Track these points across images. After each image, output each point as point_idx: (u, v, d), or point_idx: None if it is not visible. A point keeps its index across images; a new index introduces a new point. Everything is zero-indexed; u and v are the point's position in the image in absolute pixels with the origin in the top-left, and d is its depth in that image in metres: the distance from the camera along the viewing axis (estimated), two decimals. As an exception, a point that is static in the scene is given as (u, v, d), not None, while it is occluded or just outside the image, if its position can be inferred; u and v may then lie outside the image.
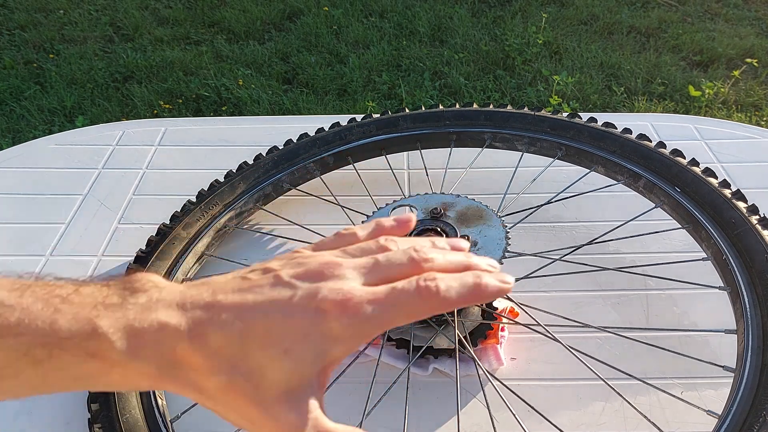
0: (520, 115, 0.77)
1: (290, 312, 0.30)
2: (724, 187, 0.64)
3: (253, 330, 0.29)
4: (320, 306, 0.29)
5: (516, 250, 0.58)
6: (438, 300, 0.30)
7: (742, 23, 2.83)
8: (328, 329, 0.29)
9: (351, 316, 0.29)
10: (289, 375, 0.29)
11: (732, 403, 0.49)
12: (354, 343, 0.30)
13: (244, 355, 0.29)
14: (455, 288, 0.31)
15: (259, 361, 0.29)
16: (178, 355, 0.29)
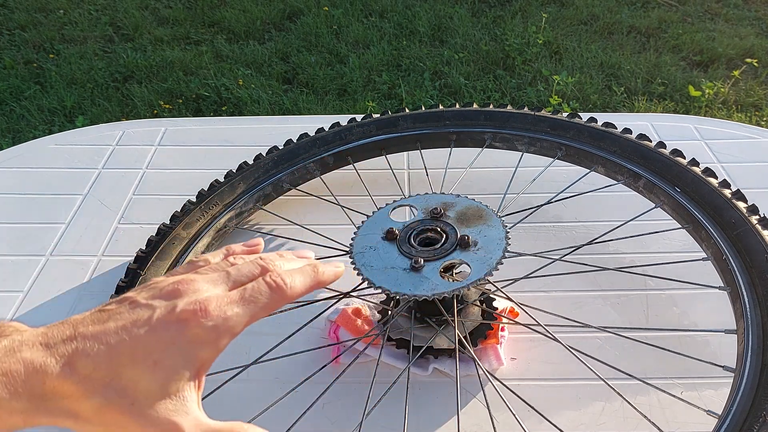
0: (520, 115, 0.77)
1: (153, 328, 0.32)
2: (724, 187, 0.64)
3: (120, 350, 0.31)
4: (180, 317, 0.32)
5: (516, 250, 0.58)
6: (285, 291, 0.36)
7: (742, 23, 2.83)
8: (192, 336, 0.32)
9: (212, 320, 0.33)
10: (163, 383, 0.31)
11: (732, 403, 0.49)
12: (220, 343, 0.33)
13: (115, 374, 0.31)
14: (298, 278, 0.37)
15: (131, 377, 0.31)
16: (48, 387, 0.30)
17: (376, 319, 0.64)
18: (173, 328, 0.32)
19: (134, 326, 0.32)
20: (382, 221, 0.60)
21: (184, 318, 0.32)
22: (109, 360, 0.31)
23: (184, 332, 0.32)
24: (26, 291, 0.71)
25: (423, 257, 0.54)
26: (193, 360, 0.32)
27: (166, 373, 0.31)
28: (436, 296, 0.52)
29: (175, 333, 0.32)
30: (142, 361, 0.31)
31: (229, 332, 0.34)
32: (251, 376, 0.59)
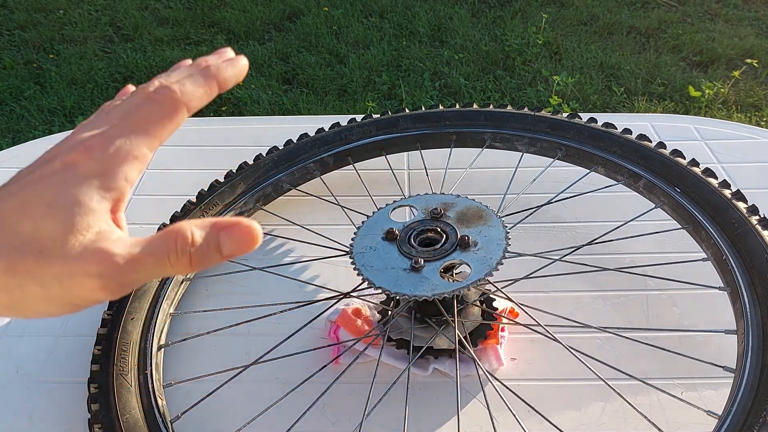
0: (520, 116, 0.77)
1: (36, 180, 0.30)
2: (724, 187, 0.64)
3: (6, 209, 0.29)
4: (65, 162, 0.30)
5: (516, 250, 0.58)
6: (174, 93, 0.32)
7: (742, 24, 2.83)
8: (85, 171, 0.30)
9: (99, 151, 0.30)
10: (67, 222, 0.29)
11: (732, 404, 0.49)
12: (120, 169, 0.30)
13: (9, 233, 0.28)
14: (189, 83, 0.33)
15: (29, 229, 0.28)
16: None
17: (376, 319, 0.64)
18: (58, 173, 0.30)
19: (17, 185, 0.30)
20: (382, 221, 0.60)
21: (68, 161, 0.30)
22: (3, 219, 0.28)
23: (72, 171, 0.30)
24: (26, 291, 0.71)
25: (423, 257, 0.54)
26: (94, 191, 0.30)
27: (66, 212, 0.29)
28: (436, 296, 0.52)
29: (62, 175, 0.29)
30: (34, 209, 0.29)
31: (127, 157, 0.31)
32: (251, 376, 0.59)
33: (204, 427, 0.57)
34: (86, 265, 0.28)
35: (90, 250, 0.29)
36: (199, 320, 0.67)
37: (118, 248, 0.29)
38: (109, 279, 0.29)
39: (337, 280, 0.70)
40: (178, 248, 0.29)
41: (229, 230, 0.30)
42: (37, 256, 0.28)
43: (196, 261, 0.30)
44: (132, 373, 0.57)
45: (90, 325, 0.64)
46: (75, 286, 0.29)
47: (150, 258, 0.29)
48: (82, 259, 0.28)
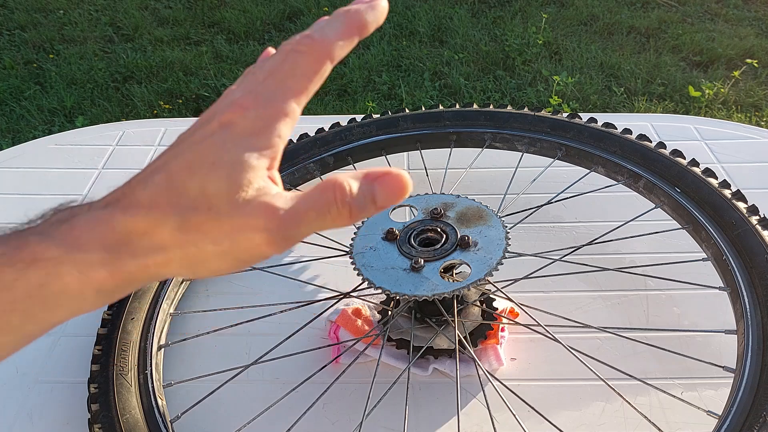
0: (520, 116, 0.77)
1: (197, 141, 0.31)
2: (724, 187, 0.64)
3: (173, 170, 0.30)
4: (221, 122, 0.31)
5: (516, 250, 0.58)
6: (315, 42, 0.32)
7: (742, 24, 2.83)
8: (240, 130, 0.30)
9: (252, 109, 0.31)
10: (231, 178, 0.29)
11: (732, 404, 0.49)
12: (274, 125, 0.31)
13: (178, 192, 0.29)
14: (328, 28, 0.33)
15: (196, 187, 0.29)
16: (119, 231, 0.29)
17: (376, 319, 0.64)
18: (217, 134, 0.31)
19: (179, 148, 0.31)
20: (382, 221, 0.60)
21: (225, 121, 0.31)
22: (167, 182, 0.30)
23: (229, 131, 0.31)
24: (26, 291, 0.71)
25: (423, 257, 0.54)
26: (252, 148, 0.30)
27: (228, 169, 0.30)
28: (436, 296, 0.52)
29: (220, 135, 0.30)
30: (199, 168, 0.30)
31: (281, 114, 0.31)
32: (251, 376, 0.59)
33: (204, 427, 0.57)
34: (253, 219, 0.29)
35: (254, 204, 0.29)
36: (199, 320, 0.67)
37: (280, 203, 0.30)
38: (275, 233, 0.30)
39: (337, 280, 0.70)
40: (338, 200, 0.30)
41: (381, 180, 0.30)
42: (206, 213, 0.29)
43: (355, 212, 0.30)
44: (132, 373, 0.57)
45: (90, 325, 0.64)
46: (243, 240, 0.30)
47: (312, 211, 0.30)
48: (248, 214, 0.29)
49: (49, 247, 0.28)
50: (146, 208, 0.29)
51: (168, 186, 0.30)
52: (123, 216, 0.29)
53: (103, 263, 0.29)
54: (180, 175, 0.30)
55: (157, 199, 0.29)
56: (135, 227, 0.29)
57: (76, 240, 0.29)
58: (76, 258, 0.28)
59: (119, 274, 0.29)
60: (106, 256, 0.29)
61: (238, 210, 0.29)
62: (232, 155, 0.30)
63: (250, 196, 0.30)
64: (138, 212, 0.29)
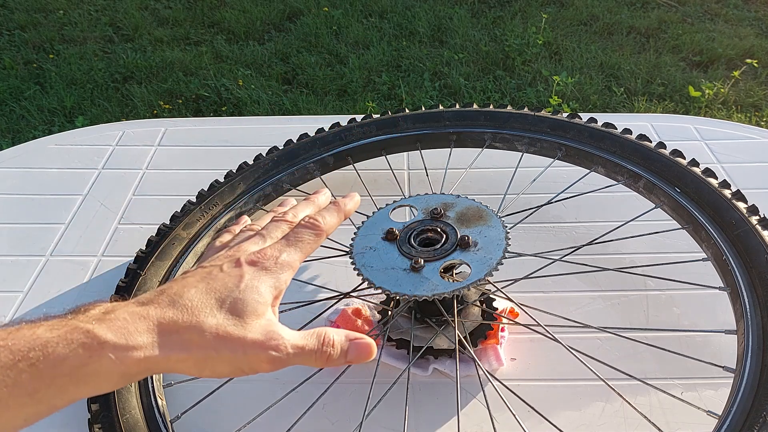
0: (520, 116, 0.77)
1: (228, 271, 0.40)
2: (724, 187, 0.64)
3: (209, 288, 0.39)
4: (248, 260, 0.41)
5: (516, 250, 0.58)
6: (321, 226, 0.46)
7: (742, 24, 2.83)
8: (259, 272, 0.41)
9: (271, 259, 0.42)
10: (253, 307, 0.39)
11: (732, 404, 0.49)
12: (283, 275, 0.42)
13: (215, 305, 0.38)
14: (327, 216, 0.47)
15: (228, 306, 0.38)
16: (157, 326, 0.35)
17: (376, 319, 0.64)
18: (245, 270, 0.40)
19: (213, 273, 0.40)
20: (382, 221, 0.60)
21: (251, 262, 0.41)
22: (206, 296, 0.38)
23: (254, 271, 0.40)
24: (26, 291, 0.71)
25: (423, 257, 0.54)
26: (266, 290, 0.40)
27: (251, 301, 0.39)
28: (436, 296, 0.52)
29: (248, 272, 0.40)
30: (231, 293, 0.38)
31: (288, 267, 0.42)
32: (251, 376, 0.58)
33: (204, 427, 0.57)
34: (266, 343, 0.38)
35: (267, 332, 0.38)
36: (199, 320, 0.67)
37: (286, 336, 0.39)
38: (277, 358, 0.39)
39: (337, 280, 0.70)
40: (325, 350, 0.40)
41: (354, 344, 0.41)
42: (233, 329, 0.37)
43: (330, 362, 0.41)
44: (132, 373, 0.57)
45: (90, 325, 0.64)
46: (253, 356, 0.38)
47: (306, 350, 0.40)
48: (263, 338, 0.38)
49: (98, 334, 0.33)
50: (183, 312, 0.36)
51: (204, 299, 0.37)
52: (162, 315, 0.36)
53: (136, 351, 0.34)
54: (215, 293, 0.38)
55: (193, 307, 0.37)
56: (172, 325, 0.36)
57: (119, 329, 0.34)
58: (118, 344, 0.33)
59: (145, 363, 0.35)
60: (140, 345, 0.34)
61: (257, 332, 0.38)
62: (255, 289, 0.39)
63: (264, 323, 0.39)
64: (176, 314, 0.36)
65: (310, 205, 0.50)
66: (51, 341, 0.32)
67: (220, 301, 0.38)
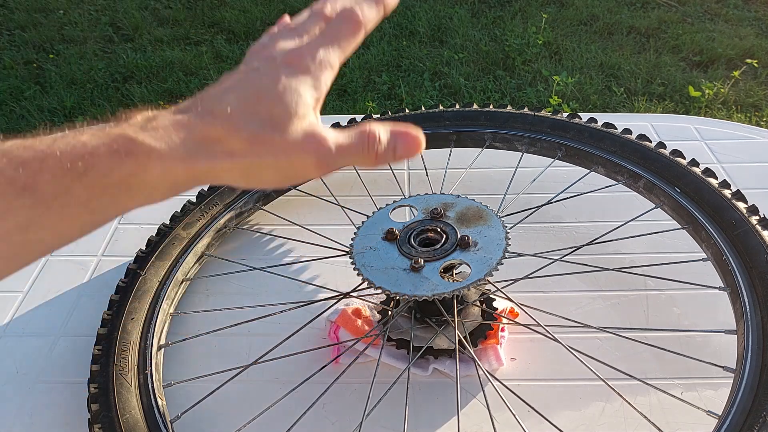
0: (520, 116, 0.77)
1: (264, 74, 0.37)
2: (724, 187, 0.64)
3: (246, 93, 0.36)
4: (284, 62, 0.38)
5: (516, 250, 0.58)
6: (359, 19, 0.41)
7: (742, 24, 2.83)
8: (300, 71, 0.37)
9: (310, 57, 0.38)
10: (292, 109, 0.36)
11: (732, 404, 0.49)
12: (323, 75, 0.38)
13: (251, 110, 0.36)
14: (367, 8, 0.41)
15: (265, 109, 0.36)
16: (198, 134, 0.34)
17: (376, 319, 0.64)
18: (281, 71, 0.37)
19: (249, 76, 0.37)
20: (382, 221, 0.60)
21: (287, 62, 0.38)
22: (241, 101, 0.36)
23: (291, 71, 0.37)
24: (26, 291, 0.71)
25: (423, 257, 0.54)
26: (308, 88, 0.37)
27: (292, 101, 0.36)
28: (436, 296, 0.52)
29: (284, 73, 0.37)
30: (267, 94, 0.36)
31: (328, 66, 0.39)
32: (251, 376, 0.59)
33: (204, 427, 0.57)
34: (309, 144, 0.36)
35: (309, 133, 0.36)
36: (199, 320, 0.67)
37: (330, 136, 0.37)
38: (323, 159, 0.36)
39: (336, 280, 0.70)
40: (370, 146, 0.38)
41: (402, 137, 0.40)
42: (272, 131, 0.35)
43: (380, 158, 0.39)
44: (132, 373, 0.57)
45: (90, 325, 0.64)
46: (298, 159, 0.36)
47: (351, 148, 0.38)
48: (305, 140, 0.36)
49: (143, 143, 0.33)
50: (222, 119, 0.35)
51: (241, 104, 0.36)
52: (202, 123, 0.35)
53: (182, 160, 0.34)
54: (252, 97, 0.36)
55: (231, 114, 0.35)
56: (212, 134, 0.35)
57: (163, 138, 0.33)
58: (163, 153, 0.33)
59: (192, 172, 0.34)
60: (186, 154, 0.34)
61: (297, 135, 0.36)
62: (294, 90, 0.37)
63: (305, 125, 0.36)
64: (215, 121, 0.35)
65: None
66: (97, 150, 0.32)
67: (258, 105, 0.36)
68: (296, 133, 0.36)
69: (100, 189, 0.32)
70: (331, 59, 0.39)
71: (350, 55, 0.41)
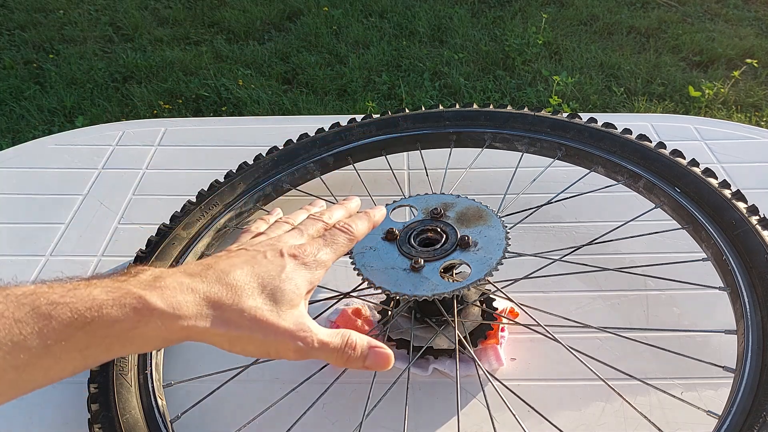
0: (520, 116, 0.77)
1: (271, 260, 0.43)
2: (724, 187, 0.64)
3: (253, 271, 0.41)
4: (289, 253, 0.44)
5: (516, 250, 0.58)
6: (354, 232, 0.48)
7: (742, 24, 2.83)
8: (299, 266, 0.43)
9: (311, 255, 0.44)
10: (290, 297, 0.41)
11: (732, 404, 0.49)
12: (318, 273, 0.44)
13: (257, 290, 0.40)
14: (359, 223, 0.50)
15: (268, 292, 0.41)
16: (203, 298, 0.38)
17: (376, 319, 0.64)
18: (287, 262, 0.43)
19: (258, 259, 0.42)
20: (382, 221, 0.60)
21: (291, 254, 0.43)
22: (250, 279, 0.40)
23: (294, 264, 0.43)
24: (26, 291, 0.71)
25: (423, 257, 0.54)
26: (302, 283, 0.43)
27: (289, 291, 0.41)
28: (436, 296, 0.52)
29: (289, 265, 0.42)
30: (272, 282, 0.41)
31: (323, 265, 0.45)
32: (251, 376, 0.59)
33: (204, 427, 0.57)
34: (298, 333, 0.41)
35: (299, 324, 0.41)
36: (199, 320, 0.67)
37: (315, 330, 0.42)
38: (304, 349, 0.41)
39: (337, 280, 0.70)
40: (347, 350, 0.43)
41: (373, 352, 0.44)
42: (269, 314, 0.40)
43: (349, 362, 0.43)
44: (132, 373, 0.57)
45: (90, 325, 0.64)
46: (282, 343, 0.40)
47: (331, 348, 0.42)
48: (296, 328, 0.41)
49: (149, 301, 0.36)
50: (228, 289, 0.39)
51: (248, 282, 0.40)
52: (209, 289, 0.38)
53: (182, 320, 0.37)
54: (258, 279, 0.41)
55: (237, 287, 0.39)
56: (216, 301, 0.38)
57: (169, 299, 0.36)
58: (166, 313, 0.36)
59: (186, 332, 0.37)
60: (186, 315, 0.37)
61: (290, 321, 0.41)
62: (293, 281, 0.42)
63: (297, 314, 0.42)
64: (221, 290, 0.39)
65: (342, 209, 0.52)
66: (106, 303, 0.34)
67: (262, 286, 0.40)
68: (288, 320, 0.40)
69: (99, 338, 0.34)
70: (327, 260, 0.45)
71: (341, 256, 0.48)
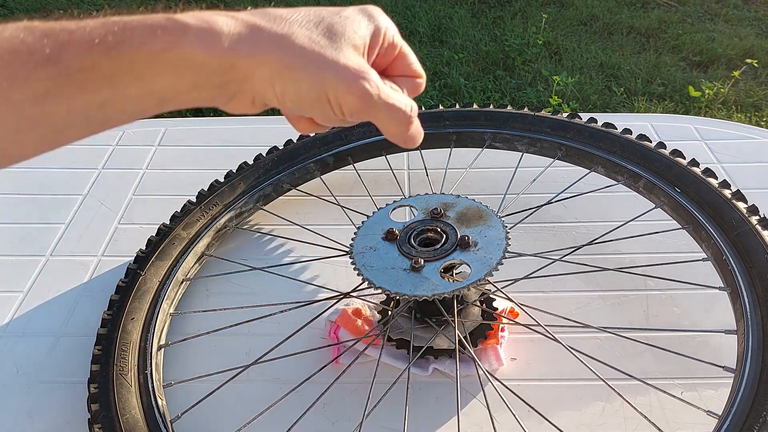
0: (520, 116, 0.77)
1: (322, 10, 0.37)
2: (724, 187, 0.64)
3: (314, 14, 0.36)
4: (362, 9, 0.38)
5: (516, 250, 0.58)
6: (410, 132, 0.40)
7: (742, 24, 2.83)
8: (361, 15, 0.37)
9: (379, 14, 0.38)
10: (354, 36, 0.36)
11: (732, 404, 0.49)
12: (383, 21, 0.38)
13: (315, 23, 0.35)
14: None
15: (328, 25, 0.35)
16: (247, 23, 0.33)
17: (376, 319, 0.64)
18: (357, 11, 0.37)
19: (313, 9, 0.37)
20: (382, 221, 0.60)
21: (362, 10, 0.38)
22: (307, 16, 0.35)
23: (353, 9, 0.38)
24: (26, 291, 0.71)
25: (423, 257, 0.54)
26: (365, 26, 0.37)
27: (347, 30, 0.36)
28: (436, 296, 0.52)
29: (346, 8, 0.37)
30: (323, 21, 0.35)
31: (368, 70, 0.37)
32: (251, 376, 0.59)
33: (204, 427, 0.57)
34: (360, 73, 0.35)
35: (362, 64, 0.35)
36: (199, 320, 0.67)
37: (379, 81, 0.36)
38: (367, 97, 0.35)
39: (337, 280, 0.70)
40: (411, 116, 0.38)
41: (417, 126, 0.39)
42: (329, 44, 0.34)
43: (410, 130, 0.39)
44: (132, 373, 0.57)
45: (90, 325, 0.64)
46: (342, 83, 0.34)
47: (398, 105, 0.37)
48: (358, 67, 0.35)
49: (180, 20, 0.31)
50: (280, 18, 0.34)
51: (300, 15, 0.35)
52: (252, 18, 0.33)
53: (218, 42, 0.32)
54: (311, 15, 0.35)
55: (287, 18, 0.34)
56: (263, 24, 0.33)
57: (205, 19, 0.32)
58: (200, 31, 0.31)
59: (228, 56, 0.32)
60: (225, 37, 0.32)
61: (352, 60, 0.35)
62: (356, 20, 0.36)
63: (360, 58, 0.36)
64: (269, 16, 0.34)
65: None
66: (130, 24, 0.30)
67: (317, 21, 0.35)
68: (350, 59, 0.35)
69: (127, 64, 0.30)
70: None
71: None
